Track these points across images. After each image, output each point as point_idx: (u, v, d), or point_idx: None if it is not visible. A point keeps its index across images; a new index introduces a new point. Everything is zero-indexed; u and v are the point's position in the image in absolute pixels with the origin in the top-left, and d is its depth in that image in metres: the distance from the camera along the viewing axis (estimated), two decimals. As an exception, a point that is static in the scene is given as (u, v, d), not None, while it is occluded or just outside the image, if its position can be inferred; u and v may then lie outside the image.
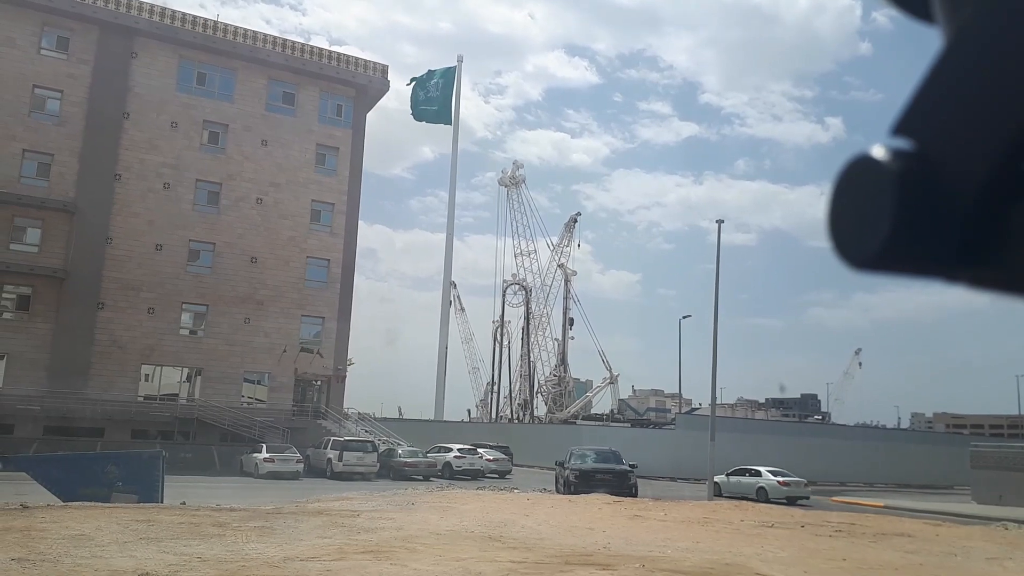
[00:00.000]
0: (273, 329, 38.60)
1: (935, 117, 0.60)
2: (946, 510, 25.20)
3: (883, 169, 0.60)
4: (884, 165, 0.60)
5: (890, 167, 0.59)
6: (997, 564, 10.91)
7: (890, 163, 0.60)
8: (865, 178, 0.60)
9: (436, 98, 60.76)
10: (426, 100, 60.00)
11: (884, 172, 0.59)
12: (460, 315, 70.98)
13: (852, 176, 0.62)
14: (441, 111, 61.77)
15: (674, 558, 10.11)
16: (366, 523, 12.78)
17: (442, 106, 61.83)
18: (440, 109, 61.84)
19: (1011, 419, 74.73)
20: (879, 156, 0.60)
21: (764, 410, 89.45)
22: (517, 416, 64.66)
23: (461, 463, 33.98)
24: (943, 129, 0.59)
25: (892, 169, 0.59)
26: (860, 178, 0.61)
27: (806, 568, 9.76)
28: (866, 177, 0.60)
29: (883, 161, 0.60)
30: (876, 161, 0.60)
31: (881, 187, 0.59)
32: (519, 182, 64.85)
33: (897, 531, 13.96)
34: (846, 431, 58.45)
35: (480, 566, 9.15)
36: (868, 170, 0.60)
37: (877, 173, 0.60)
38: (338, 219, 40.99)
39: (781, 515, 16.36)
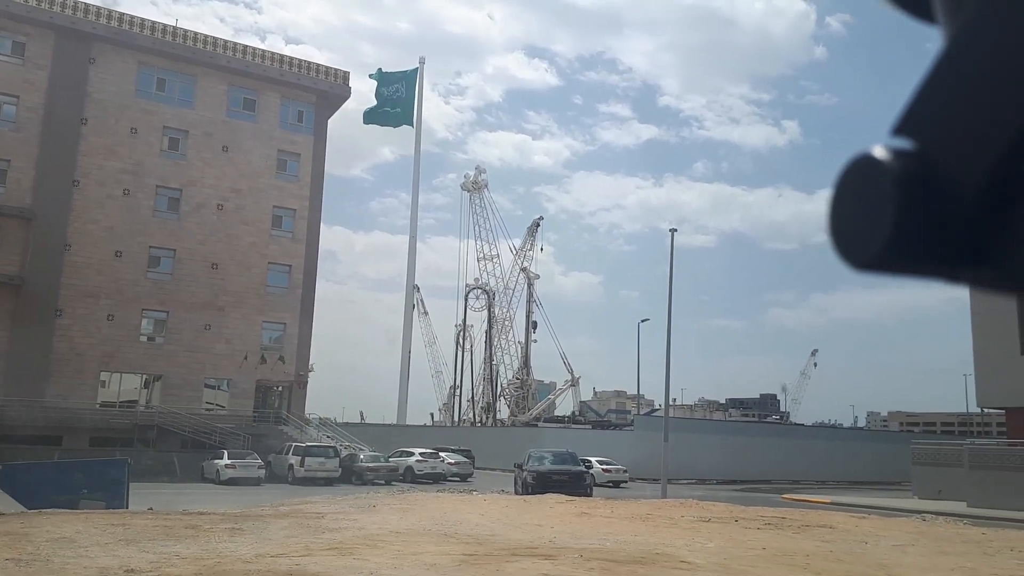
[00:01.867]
0: (234, 335, 39.23)
1: (935, 117, 0.61)
2: (885, 505, 26.89)
3: (884, 169, 0.60)
4: (885, 165, 0.61)
5: (891, 167, 0.60)
6: (900, 550, 12.38)
7: (891, 163, 0.60)
8: (866, 178, 0.61)
9: (398, 100, 61.70)
10: (386, 102, 60.87)
11: (885, 172, 0.60)
12: (423, 318, 71.93)
13: (853, 176, 0.63)
14: (403, 113, 62.74)
15: (611, 549, 11.40)
16: (330, 524, 13.85)
17: (404, 108, 62.80)
18: (402, 111, 62.80)
19: (961, 417, 78.03)
20: (880, 156, 0.61)
21: (723, 410, 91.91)
22: (480, 419, 65.83)
23: (423, 467, 34.95)
24: (943, 129, 0.60)
25: (893, 169, 0.60)
26: (861, 178, 0.62)
27: (727, 556, 11.11)
28: (867, 177, 0.61)
29: (884, 161, 0.61)
30: (877, 161, 0.61)
31: (882, 187, 0.60)
32: (481, 187, 66.09)
33: (821, 523, 15.45)
34: (803, 431, 60.71)
35: (435, 559, 10.32)
36: (869, 170, 0.61)
37: (878, 173, 0.61)
38: (299, 225, 41.75)
39: (721, 511, 17.78)
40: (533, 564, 10.03)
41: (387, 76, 61.09)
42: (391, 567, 9.65)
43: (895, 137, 0.62)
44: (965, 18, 0.61)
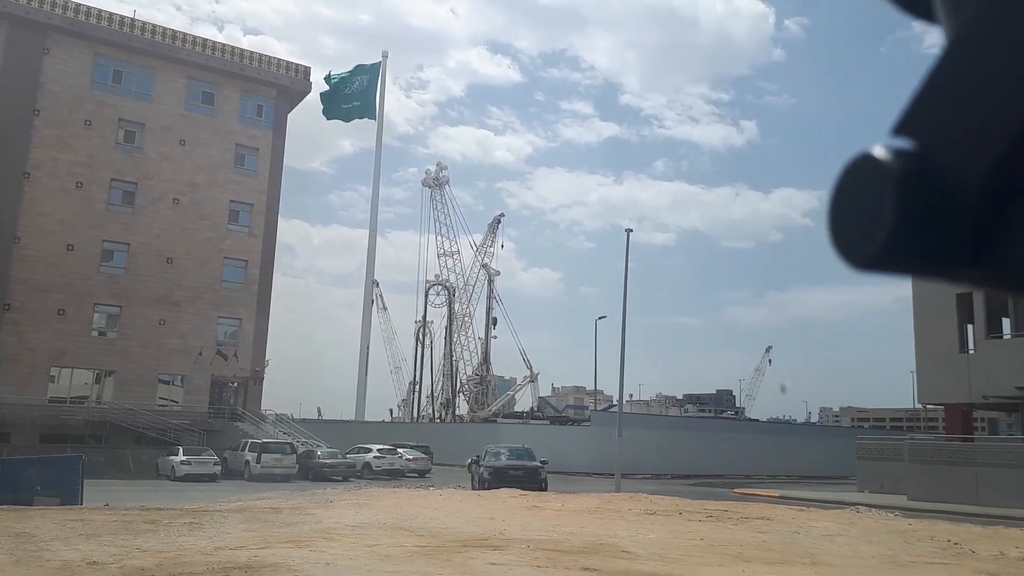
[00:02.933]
0: (189, 330, 39.14)
1: (936, 117, 0.61)
2: (830, 498, 28.05)
3: (884, 169, 0.61)
4: (885, 165, 0.61)
5: (891, 167, 0.60)
6: (828, 540, 13.29)
7: (891, 163, 0.61)
8: (865, 178, 0.62)
9: (359, 93, 61.72)
10: (347, 97, 60.83)
11: (884, 172, 0.60)
12: (382, 314, 72.11)
13: (852, 176, 0.63)
14: (364, 106, 62.73)
15: (558, 540, 12.09)
16: (287, 518, 14.33)
17: (365, 101, 62.81)
18: (363, 104, 62.80)
19: (909, 412, 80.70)
20: (880, 156, 0.61)
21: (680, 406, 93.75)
22: (439, 415, 66.27)
23: (381, 463, 35.36)
24: (943, 129, 0.60)
25: (893, 169, 0.60)
26: (860, 178, 0.62)
27: (665, 546, 11.87)
28: (866, 177, 0.62)
29: (884, 161, 0.61)
30: (877, 161, 0.61)
31: (881, 187, 0.60)
32: (443, 183, 66.39)
33: (760, 516, 16.36)
34: (757, 426, 62.41)
35: (388, 550, 10.89)
36: (868, 170, 0.62)
37: (877, 173, 0.61)
38: (257, 220, 41.74)
39: (667, 505, 18.63)
40: (482, 554, 10.66)
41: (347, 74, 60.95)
42: (346, 558, 10.19)
43: (895, 137, 0.63)
44: (965, 18, 0.62)
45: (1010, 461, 26.99)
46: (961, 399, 31.26)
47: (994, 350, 29.25)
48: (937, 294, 31.43)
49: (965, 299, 30.27)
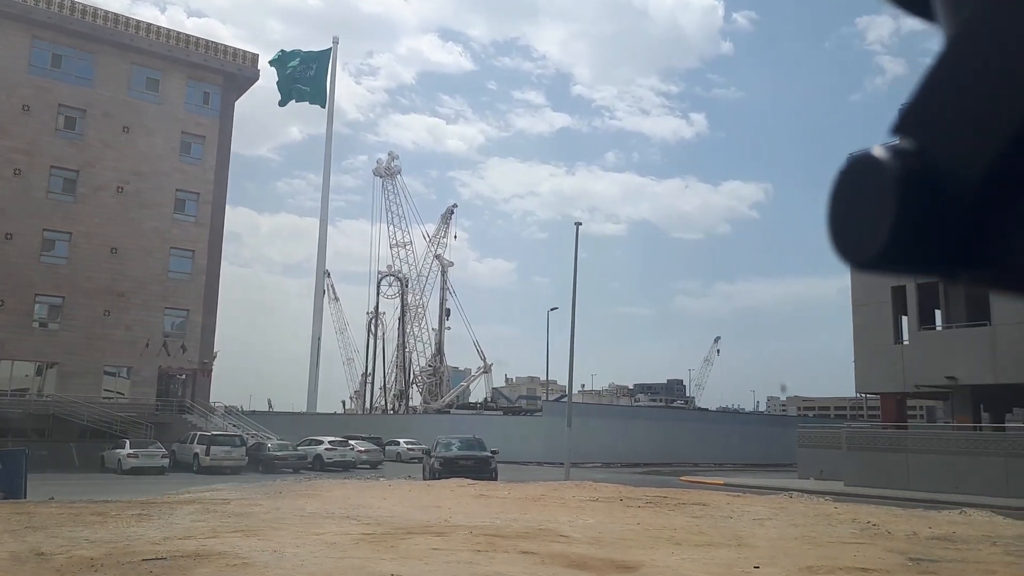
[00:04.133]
0: (135, 322, 38.76)
1: (935, 116, 0.61)
2: (770, 485, 29.21)
3: (883, 168, 0.61)
4: (884, 164, 0.61)
5: (890, 166, 0.61)
6: (758, 524, 14.14)
7: (890, 162, 0.61)
8: (865, 178, 0.62)
9: (309, 80, 61.27)
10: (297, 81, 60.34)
11: (884, 171, 0.61)
12: (334, 304, 71.89)
13: (852, 176, 0.63)
14: (315, 93, 62.31)
15: (499, 526, 12.69)
16: (236, 509, 14.66)
17: (315, 88, 62.39)
18: (313, 91, 62.38)
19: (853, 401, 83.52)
20: (879, 156, 0.62)
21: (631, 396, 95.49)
22: (392, 407, 66.47)
23: (332, 455, 35.55)
24: (943, 129, 0.61)
25: (892, 168, 0.61)
26: (860, 178, 0.62)
27: (603, 530, 12.56)
28: (866, 177, 0.62)
29: (883, 160, 0.61)
30: (876, 160, 0.62)
31: (881, 187, 0.60)
32: (394, 173, 66.34)
33: (697, 502, 17.20)
34: (706, 415, 64.04)
35: (335, 538, 11.35)
36: (868, 170, 0.62)
37: (877, 173, 0.61)
38: (204, 209, 41.42)
39: (610, 492, 19.40)
40: (425, 540, 11.20)
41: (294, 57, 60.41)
42: (294, 546, 10.62)
43: (895, 136, 0.63)
44: (965, 18, 0.62)
45: (938, 448, 28.50)
46: (896, 388, 32.77)
47: (926, 341, 30.70)
48: (874, 287, 32.83)
49: (900, 292, 31.71)
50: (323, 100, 63.47)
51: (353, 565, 9.39)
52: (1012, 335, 26.73)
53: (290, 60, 59.78)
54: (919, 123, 0.62)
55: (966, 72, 0.60)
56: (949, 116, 0.61)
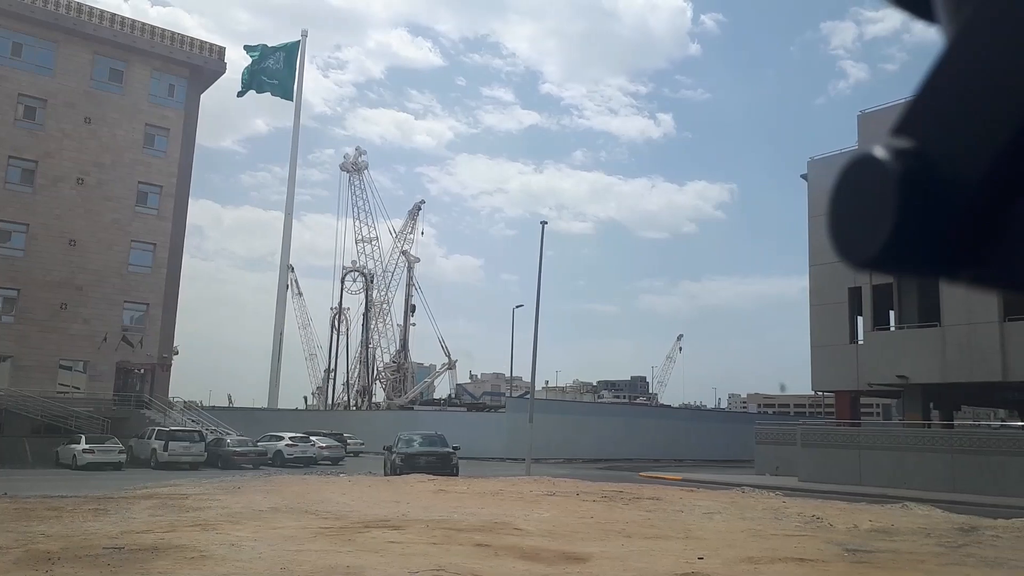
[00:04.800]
0: (93, 315, 38.27)
1: (936, 117, 0.61)
2: (727, 480, 29.85)
3: (884, 169, 0.61)
4: (885, 165, 0.61)
5: (891, 167, 0.61)
6: (708, 517, 14.62)
7: (891, 163, 0.61)
8: (866, 178, 0.62)
9: (277, 72, 60.79)
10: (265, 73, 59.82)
11: (885, 172, 0.61)
12: (297, 299, 71.45)
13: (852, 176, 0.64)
14: (281, 86, 61.84)
15: (456, 520, 12.98)
16: (194, 504, 14.75)
17: (283, 81, 61.92)
18: (281, 84, 61.90)
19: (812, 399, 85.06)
20: (880, 156, 0.62)
21: (595, 392, 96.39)
22: (355, 403, 66.32)
23: (293, 451, 35.50)
24: (943, 129, 0.61)
25: (893, 169, 0.61)
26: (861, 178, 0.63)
27: (556, 524, 12.92)
28: (867, 177, 0.62)
29: (884, 161, 0.62)
30: (877, 161, 0.62)
31: (882, 187, 0.61)
32: (362, 168, 66.09)
33: (651, 496, 17.67)
34: (668, 412, 64.96)
35: (293, 532, 11.55)
36: (868, 170, 0.62)
37: (878, 173, 0.61)
38: (166, 202, 40.98)
39: (568, 487, 19.79)
40: (382, 534, 11.45)
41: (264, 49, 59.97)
42: (251, 540, 10.81)
43: (895, 136, 0.63)
44: (965, 18, 0.62)
45: (889, 444, 29.43)
46: (850, 387, 33.69)
47: (879, 341, 31.58)
48: (831, 288, 33.72)
49: (856, 293, 32.60)
50: (290, 94, 63.04)
51: (310, 558, 9.61)
52: (960, 336, 27.67)
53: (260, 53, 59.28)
54: (920, 123, 0.63)
55: (966, 72, 0.61)
56: (949, 116, 0.61)
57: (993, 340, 26.72)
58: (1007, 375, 26.65)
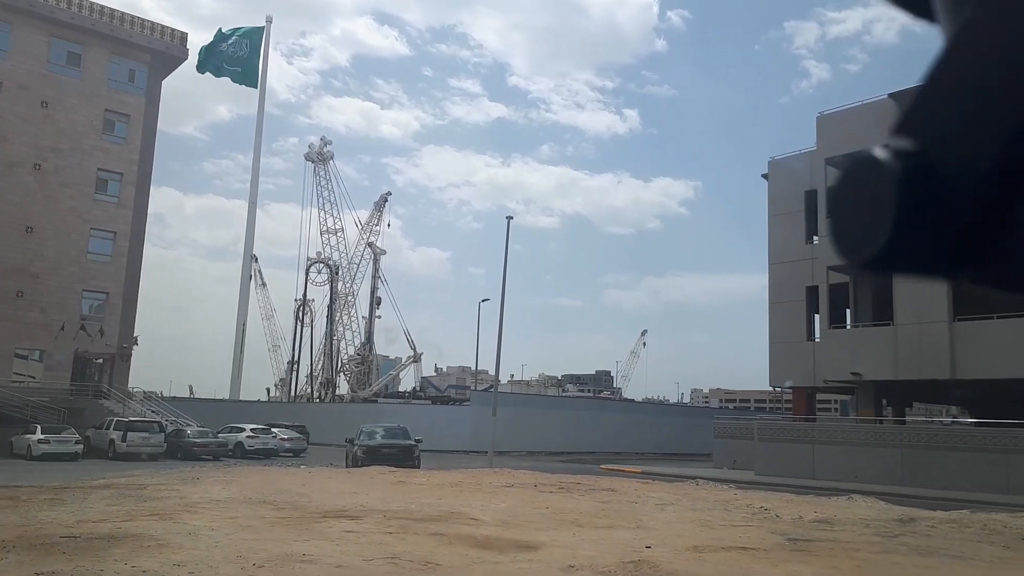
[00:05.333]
0: (50, 304, 37.77)
1: (935, 117, 0.62)
2: (685, 473, 30.41)
3: (884, 169, 0.62)
4: (885, 165, 0.62)
5: (890, 167, 0.61)
6: (660, 508, 15.08)
7: (890, 163, 0.62)
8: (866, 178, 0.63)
9: (240, 59, 60.13)
10: (229, 59, 59.14)
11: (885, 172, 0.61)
12: (261, 290, 70.89)
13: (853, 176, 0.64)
14: (245, 73, 61.20)
15: (413, 511, 13.25)
16: (152, 494, 14.83)
17: (247, 68, 61.29)
18: (245, 71, 61.27)
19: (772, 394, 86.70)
20: (880, 156, 0.62)
21: (560, 386, 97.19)
22: (319, 395, 66.11)
23: (254, 443, 35.41)
24: (943, 129, 0.61)
25: (892, 169, 0.61)
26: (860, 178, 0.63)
27: (512, 514, 13.26)
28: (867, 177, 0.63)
29: (883, 161, 0.62)
30: (877, 161, 0.62)
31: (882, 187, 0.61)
32: (327, 158, 65.72)
33: (607, 488, 18.10)
34: (631, 406, 65.73)
35: (251, 521, 11.74)
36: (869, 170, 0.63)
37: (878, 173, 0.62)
38: (127, 190, 40.51)
39: (526, 478, 20.17)
40: (339, 523, 11.69)
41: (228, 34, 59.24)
42: (209, 529, 10.98)
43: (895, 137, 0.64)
44: (965, 18, 0.63)
45: (842, 439, 30.27)
46: (806, 383, 34.54)
47: (835, 339, 32.42)
48: (789, 286, 34.53)
49: (813, 291, 33.41)
50: (254, 81, 62.42)
51: (266, 546, 9.83)
52: (912, 334, 28.54)
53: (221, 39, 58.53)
54: (920, 123, 0.64)
55: (966, 72, 0.61)
56: (949, 116, 0.62)
57: (943, 339, 27.62)
58: (955, 373, 27.57)
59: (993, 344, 26.38)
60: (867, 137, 26.42)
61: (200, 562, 8.77)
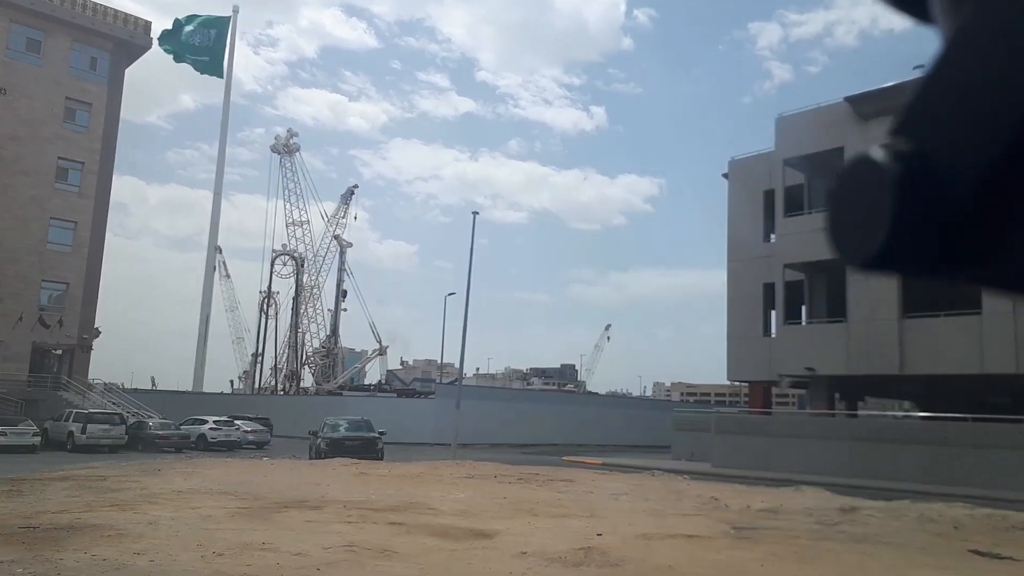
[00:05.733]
0: (8, 294, 37.18)
1: (934, 117, 0.61)
2: (644, 465, 30.91)
3: (883, 169, 0.61)
4: (884, 165, 0.61)
5: (890, 168, 0.61)
6: (614, 498, 15.51)
7: (890, 163, 0.61)
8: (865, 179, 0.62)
9: (206, 48, 59.45)
10: (195, 49, 58.44)
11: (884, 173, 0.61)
12: (225, 281, 70.20)
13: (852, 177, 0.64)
14: (211, 62, 60.52)
15: (374, 501, 13.50)
16: (112, 485, 14.87)
17: (213, 57, 60.62)
18: (211, 60, 60.59)
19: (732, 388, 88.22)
20: (879, 157, 0.62)
21: (525, 379, 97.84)
22: (283, 388, 65.75)
23: (217, 435, 35.23)
24: (942, 129, 0.61)
25: (892, 169, 0.61)
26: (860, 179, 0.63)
27: (470, 504, 13.57)
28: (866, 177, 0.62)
29: (883, 161, 0.62)
30: (876, 162, 0.62)
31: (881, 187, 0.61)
32: (293, 150, 65.21)
33: (564, 479, 18.51)
34: (594, 399, 66.45)
35: (211, 511, 11.90)
36: (868, 171, 0.62)
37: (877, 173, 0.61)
38: (88, 179, 39.96)
39: (488, 470, 20.50)
40: (299, 514, 11.90)
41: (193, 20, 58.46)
42: (169, 519, 11.12)
43: (894, 137, 0.64)
44: (964, 18, 0.62)
45: (796, 432, 31.06)
46: (763, 377, 35.36)
47: (791, 335, 33.21)
48: (748, 283, 35.29)
49: (770, 288, 34.18)
50: (220, 70, 61.74)
51: (226, 535, 10.02)
52: (863, 331, 29.39)
53: (186, 25, 57.77)
54: (918, 124, 0.63)
55: (965, 73, 0.61)
56: (948, 117, 0.62)
57: (892, 335, 28.49)
58: (904, 368, 28.47)
59: (939, 341, 27.31)
60: (823, 139, 27.02)
61: (160, 551, 8.94)
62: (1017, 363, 25.32)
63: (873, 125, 28.67)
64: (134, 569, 7.98)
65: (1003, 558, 10.25)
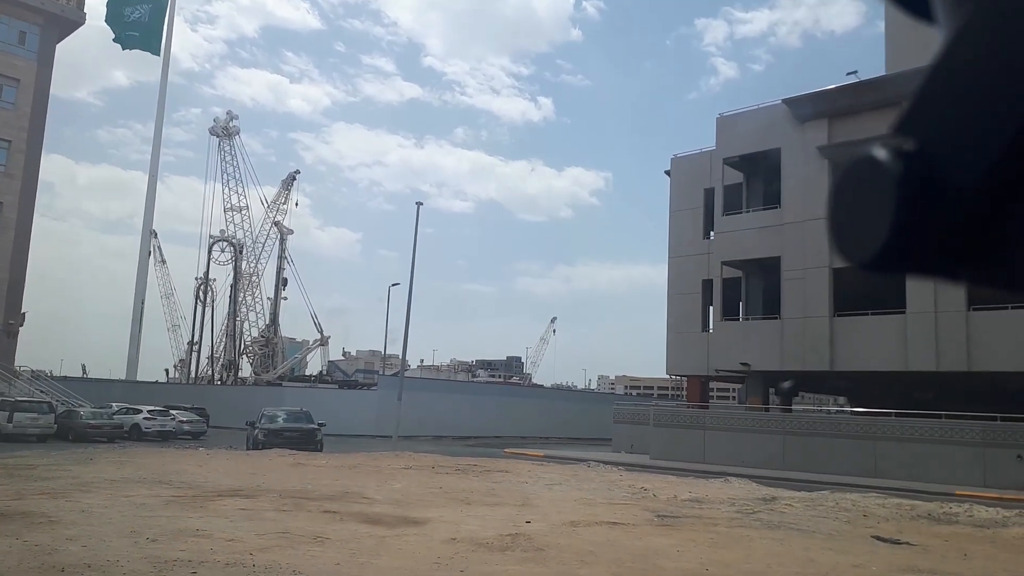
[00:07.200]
0: (-72, 277, 36.15)
1: (935, 117, 0.62)
2: (584, 456, 31.63)
3: (884, 169, 0.62)
4: (884, 165, 0.62)
5: (890, 167, 0.61)
6: (548, 488, 16.15)
7: (890, 163, 0.61)
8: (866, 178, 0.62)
9: (143, 24, 58.11)
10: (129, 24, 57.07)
11: (885, 172, 0.61)
12: (160, 267, 68.91)
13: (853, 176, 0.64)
14: (146, 38, 59.16)
15: (309, 490, 13.87)
16: (43, 474, 14.90)
17: (148, 33, 59.26)
18: (145, 36, 59.20)
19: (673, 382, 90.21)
20: (880, 156, 0.62)
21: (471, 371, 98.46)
22: (220, 377, 64.98)
23: (151, 425, 34.88)
24: (943, 129, 0.61)
25: (892, 169, 0.61)
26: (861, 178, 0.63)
27: (405, 493, 14.04)
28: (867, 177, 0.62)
29: (883, 161, 0.62)
30: (876, 161, 0.62)
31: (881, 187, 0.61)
32: (232, 133, 64.27)
33: (502, 469, 19.10)
34: (539, 392, 67.28)
35: (145, 500, 12.12)
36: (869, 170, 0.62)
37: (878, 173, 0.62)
38: (15, 159, 38.98)
39: (426, 461, 20.97)
40: (234, 502, 12.21)
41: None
42: (102, 506, 11.33)
43: (895, 137, 0.64)
44: (965, 18, 0.62)
45: (731, 426, 32.24)
46: (701, 371, 36.51)
47: (728, 330, 34.39)
48: (688, 279, 36.37)
49: (708, 285, 35.32)
50: (156, 47, 60.41)
51: (160, 523, 10.30)
52: (795, 328, 30.66)
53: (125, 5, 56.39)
54: (919, 123, 0.64)
55: (966, 72, 0.61)
56: (949, 116, 0.62)
57: (823, 333, 29.80)
58: (834, 365, 29.81)
59: (867, 338, 28.69)
60: (761, 140, 28.12)
61: (93, 537, 9.19)
62: (938, 361, 26.78)
63: (809, 127, 29.91)
64: (67, 554, 8.24)
65: (901, 543, 11.16)
